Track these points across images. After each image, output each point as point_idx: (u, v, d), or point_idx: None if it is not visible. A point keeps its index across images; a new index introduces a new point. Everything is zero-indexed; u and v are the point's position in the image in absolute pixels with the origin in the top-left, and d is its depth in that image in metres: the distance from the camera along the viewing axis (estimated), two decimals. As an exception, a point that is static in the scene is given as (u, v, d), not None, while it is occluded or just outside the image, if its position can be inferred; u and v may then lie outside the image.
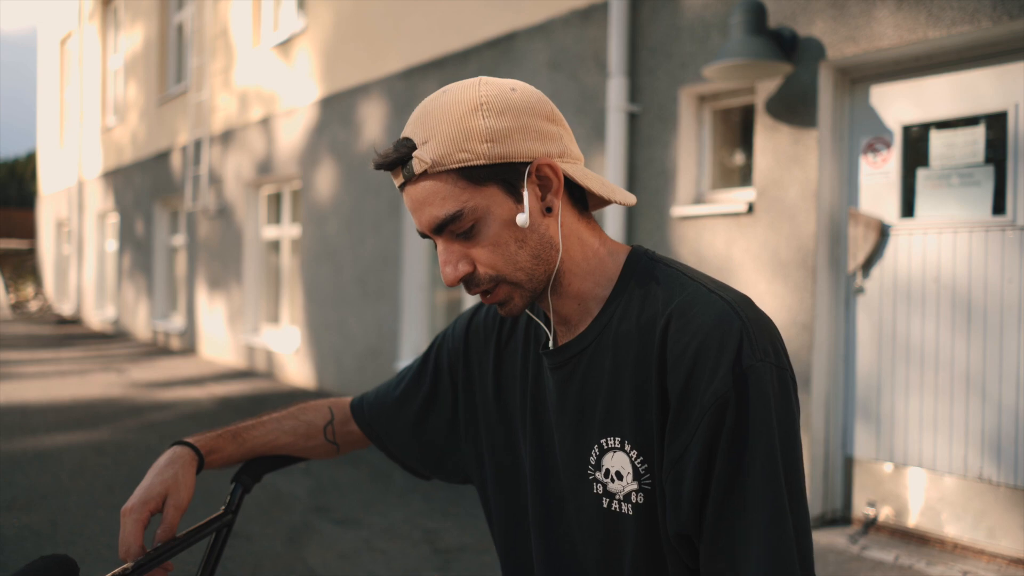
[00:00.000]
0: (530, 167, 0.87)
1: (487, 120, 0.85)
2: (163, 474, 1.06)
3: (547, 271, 0.91)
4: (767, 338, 0.82)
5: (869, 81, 3.58)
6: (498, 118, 0.86)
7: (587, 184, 0.91)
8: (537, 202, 0.89)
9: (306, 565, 3.22)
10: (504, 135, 0.86)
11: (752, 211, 3.80)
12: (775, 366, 0.81)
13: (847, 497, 3.66)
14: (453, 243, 0.89)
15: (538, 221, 0.89)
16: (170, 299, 11.20)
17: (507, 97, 0.87)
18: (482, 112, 0.86)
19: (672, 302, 0.86)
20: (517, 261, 0.89)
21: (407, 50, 6.14)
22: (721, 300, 0.84)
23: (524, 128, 0.87)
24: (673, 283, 0.89)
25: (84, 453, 4.93)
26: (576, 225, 0.93)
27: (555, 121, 0.91)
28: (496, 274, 0.90)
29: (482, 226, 0.88)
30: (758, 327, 0.82)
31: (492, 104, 0.86)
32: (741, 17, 3.49)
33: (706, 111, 4.20)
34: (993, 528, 3.19)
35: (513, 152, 0.86)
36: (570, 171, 0.90)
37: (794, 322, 3.62)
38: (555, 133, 0.90)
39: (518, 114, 0.87)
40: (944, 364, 3.33)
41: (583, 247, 0.93)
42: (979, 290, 3.23)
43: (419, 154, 0.86)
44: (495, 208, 0.87)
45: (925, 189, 3.41)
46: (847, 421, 3.66)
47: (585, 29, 4.65)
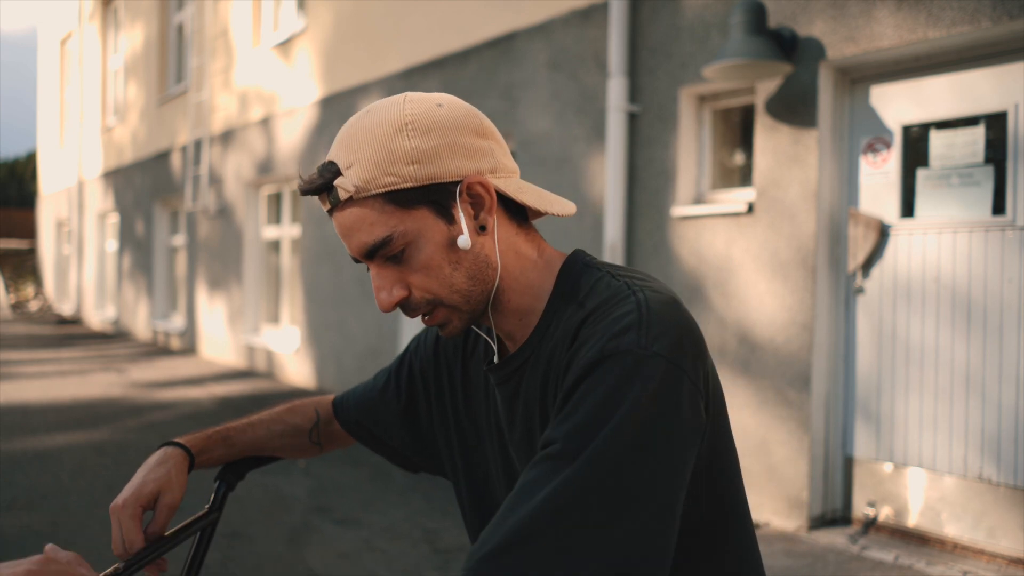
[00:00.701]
0: (460, 186, 0.85)
1: (412, 140, 0.83)
2: (155, 472, 1.05)
3: (485, 291, 0.89)
4: (666, 333, 0.76)
5: (869, 81, 3.58)
6: (423, 137, 0.83)
7: (522, 199, 0.89)
8: (471, 221, 0.87)
9: (306, 565, 3.23)
10: (431, 155, 0.83)
11: (752, 211, 3.80)
12: (666, 360, 0.75)
13: (847, 497, 3.66)
14: (386, 268, 0.87)
15: (473, 241, 0.86)
16: (170, 299, 11.20)
17: (433, 114, 0.85)
18: (407, 132, 0.83)
19: (593, 302, 0.84)
20: (453, 283, 0.87)
21: (407, 50, 6.14)
22: (634, 295, 0.81)
23: (452, 146, 0.85)
24: (599, 284, 0.86)
25: (84, 453, 4.93)
26: (514, 239, 0.91)
27: (485, 135, 0.88)
28: (432, 297, 0.88)
29: (414, 250, 0.86)
30: (660, 321, 0.77)
31: (417, 123, 0.84)
32: (741, 17, 3.50)
33: (706, 111, 4.20)
34: (993, 528, 3.19)
35: (441, 172, 0.84)
36: (503, 187, 0.88)
37: (794, 322, 3.62)
38: (485, 148, 0.88)
39: (445, 131, 0.85)
40: (944, 364, 3.33)
41: (521, 261, 0.91)
42: (979, 290, 3.23)
43: (342, 181, 0.84)
44: (426, 231, 0.85)
45: (925, 189, 3.41)
46: (847, 421, 3.66)
47: (585, 29, 4.65)
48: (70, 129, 15.45)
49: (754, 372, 3.78)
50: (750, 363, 3.79)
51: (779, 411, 3.67)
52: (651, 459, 0.72)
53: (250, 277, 8.66)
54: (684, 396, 0.75)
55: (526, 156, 5.06)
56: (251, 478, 4.45)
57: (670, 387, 0.74)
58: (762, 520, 3.73)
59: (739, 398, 3.84)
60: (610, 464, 0.70)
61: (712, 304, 3.97)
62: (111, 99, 13.40)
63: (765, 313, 3.74)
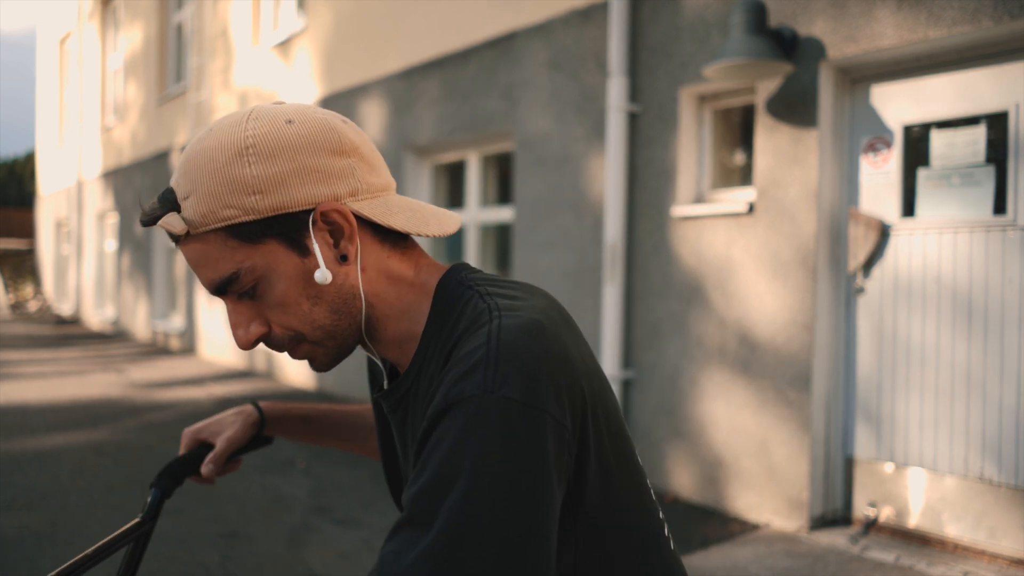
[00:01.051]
0: (312, 215, 0.76)
1: (254, 167, 0.74)
2: (226, 418, 1.14)
3: (352, 323, 0.81)
4: (519, 371, 0.68)
5: (869, 81, 3.58)
6: (267, 163, 0.74)
7: (389, 223, 0.80)
8: (329, 251, 0.78)
9: (306, 565, 3.22)
10: (276, 182, 0.74)
11: (752, 211, 3.80)
12: (517, 402, 0.67)
13: (848, 497, 3.66)
14: (241, 303, 0.79)
15: (333, 272, 0.78)
16: (169, 299, 11.19)
17: (279, 135, 0.76)
18: (247, 157, 0.74)
19: (462, 327, 0.76)
20: (314, 319, 0.79)
21: (407, 50, 6.14)
22: (488, 325, 0.73)
23: (301, 170, 0.75)
24: (468, 307, 0.78)
25: (84, 453, 4.92)
26: (385, 264, 0.82)
27: (344, 153, 0.79)
28: (294, 334, 0.80)
29: (266, 286, 0.78)
30: (511, 356, 0.69)
31: (260, 146, 0.75)
32: (741, 17, 3.49)
33: (706, 111, 4.20)
34: (994, 528, 3.19)
35: (289, 201, 0.75)
36: (366, 211, 0.79)
37: (794, 322, 3.61)
38: (344, 168, 0.78)
39: (293, 154, 0.75)
40: (945, 364, 3.33)
41: (395, 287, 0.83)
42: (980, 290, 3.23)
43: (173, 219, 0.75)
44: (277, 265, 0.77)
45: (926, 189, 3.41)
46: (847, 421, 3.65)
47: (585, 29, 4.64)
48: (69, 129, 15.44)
49: (754, 372, 3.77)
50: (750, 363, 3.79)
51: (779, 411, 3.67)
52: (508, 517, 0.65)
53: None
54: (545, 437, 0.68)
55: (526, 156, 5.06)
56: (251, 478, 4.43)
57: (524, 431, 0.67)
58: (762, 520, 3.72)
59: (739, 398, 3.83)
60: (465, 532, 0.63)
61: (712, 304, 3.97)
62: (110, 99, 13.39)
63: (765, 313, 3.73)
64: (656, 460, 4.23)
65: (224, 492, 4.18)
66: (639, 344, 4.33)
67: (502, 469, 0.65)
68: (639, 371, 4.32)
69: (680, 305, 4.12)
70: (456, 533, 0.64)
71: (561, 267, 4.80)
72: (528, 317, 0.74)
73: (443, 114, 5.76)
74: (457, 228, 0.87)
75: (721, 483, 3.92)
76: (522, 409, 0.67)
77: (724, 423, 3.91)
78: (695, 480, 4.04)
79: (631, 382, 4.37)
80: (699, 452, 4.03)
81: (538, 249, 4.97)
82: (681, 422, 4.11)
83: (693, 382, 4.05)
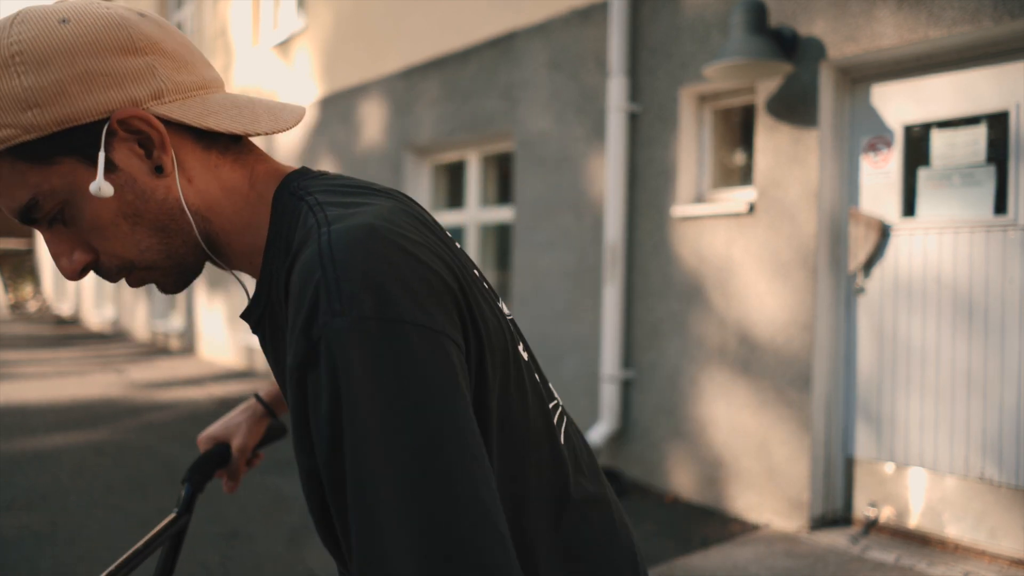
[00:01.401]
0: (108, 125, 0.67)
1: (24, 77, 0.64)
2: (234, 419, 1.18)
3: (187, 240, 0.74)
4: (361, 285, 0.60)
5: (870, 81, 3.58)
6: (40, 71, 0.64)
7: (207, 124, 0.71)
8: (142, 163, 0.70)
9: (306, 565, 3.22)
10: (54, 93, 0.65)
11: (753, 211, 3.80)
12: (365, 320, 0.58)
13: (848, 498, 3.66)
14: (55, 230, 0.71)
15: (150, 187, 0.70)
16: (169, 299, 11.20)
17: (51, 37, 0.65)
18: (15, 67, 0.64)
19: (295, 249, 0.68)
20: (139, 242, 0.72)
21: (407, 50, 6.14)
22: (318, 243, 0.63)
23: (85, 75, 0.66)
24: (300, 222, 0.70)
25: (83, 453, 4.92)
26: (215, 173, 0.74)
27: (139, 51, 0.69)
28: (121, 262, 0.73)
29: (74, 210, 0.69)
30: (351, 272, 0.60)
31: (29, 52, 0.64)
32: (741, 17, 3.49)
33: (706, 111, 4.19)
34: (994, 529, 3.19)
35: (75, 112, 0.66)
36: (176, 114, 0.70)
37: (794, 322, 3.61)
38: (140, 68, 0.69)
39: (72, 57, 0.65)
40: (945, 364, 3.33)
41: (231, 199, 0.74)
42: (980, 290, 3.23)
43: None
44: (80, 185, 0.68)
45: (926, 189, 3.41)
46: (848, 421, 3.65)
47: (585, 29, 4.64)
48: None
49: (755, 372, 3.77)
50: (751, 363, 3.79)
51: (780, 411, 3.67)
52: (431, 439, 0.57)
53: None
54: (413, 347, 0.59)
55: (526, 156, 5.06)
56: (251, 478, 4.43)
57: (389, 349, 0.58)
58: (763, 521, 3.72)
59: (739, 398, 3.83)
60: (388, 488, 0.56)
61: (713, 304, 3.96)
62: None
63: (766, 313, 3.73)
64: (656, 460, 4.23)
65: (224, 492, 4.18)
66: (639, 344, 4.33)
67: (388, 401, 0.57)
68: (639, 371, 4.32)
69: (680, 305, 4.12)
70: (388, 493, 0.55)
71: (561, 267, 4.80)
72: (358, 223, 0.64)
73: (443, 114, 5.76)
74: (296, 122, 0.77)
75: (721, 483, 3.92)
76: (380, 325, 0.59)
77: (724, 423, 3.90)
78: (695, 480, 4.04)
79: (631, 382, 4.37)
80: (699, 452, 4.02)
81: (538, 249, 4.97)
82: (681, 422, 4.11)
83: (693, 382, 4.05)
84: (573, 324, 4.72)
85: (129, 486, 4.27)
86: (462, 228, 5.97)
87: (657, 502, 4.06)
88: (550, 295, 4.88)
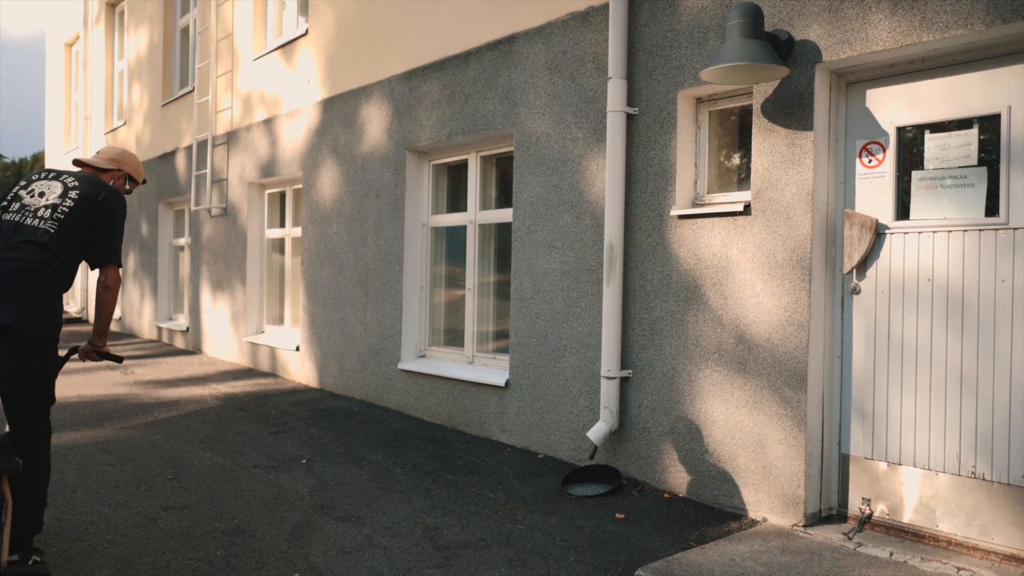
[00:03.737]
0: None
1: None
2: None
3: None
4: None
5: (864, 84, 3.62)
6: None
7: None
8: None
9: (309, 561, 3.27)
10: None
11: (749, 212, 3.85)
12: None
13: (842, 494, 3.70)
14: None
15: None
16: (174, 299, 11.27)
17: None
18: None
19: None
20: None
21: (408, 53, 6.19)
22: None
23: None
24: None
25: (89, 451, 4.98)
26: None
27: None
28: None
29: None
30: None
31: None
32: (738, 20, 3.54)
33: (704, 113, 4.24)
34: (986, 525, 3.23)
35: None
36: None
37: (790, 321, 3.66)
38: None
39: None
40: (938, 363, 3.37)
41: None
42: (972, 290, 3.27)
43: None
44: None
45: (919, 191, 3.45)
46: (842, 419, 3.70)
47: (584, 32, 4.69)
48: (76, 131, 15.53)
49: (751, 371, 3.82)
50: (747, 362, 3.83)
51: (775, 409, 3.72)
52: None
53: (253, 277, 8.72)
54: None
55: (526, 157, 5.11)
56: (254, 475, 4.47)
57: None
58: (758, 517, 3.77)
59: (736, 396, 3.88)
60: None
61: (709, 304, 4.01)
62: (116, 101, 13.47)
63: (762, 313, 3.78)
64: (654, 457, 4.28)
65: (228, 489, 4.24)
66: (637, 343, 4.38)
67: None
68: (637, 370, 4.37)
69: (678, 305, 4.17)
70: None
71: (560, 267, 4.85)
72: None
73: (444, 116, 5.81)
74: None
75: (718, 480, 3.97)
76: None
77: (721, 421, 3.95)
78: (692, 477, 4.09)
79: (629, 380, 4.42)
80: (696, 450, 4.07)
81: (538, 249, 5.02)
82: (678, 420, 4.16)
83: (690, 381, 4.10)
84: (572, 323, 4.77)
85: (135, 484, 4.33)
86: (463, 228, 6.03)
87: (655, 498, 4.11)
88: (550, 295, 4.93)
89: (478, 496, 4.18)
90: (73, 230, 3.01)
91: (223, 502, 4.02)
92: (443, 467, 4.73)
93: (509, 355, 5.25)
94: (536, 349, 5.02)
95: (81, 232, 3.04)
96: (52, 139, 17.65)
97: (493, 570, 3.19)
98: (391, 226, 6.41)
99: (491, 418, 5.38)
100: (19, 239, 2.87)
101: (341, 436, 5.49)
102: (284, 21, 8.41)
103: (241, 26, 8.80)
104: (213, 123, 9.31)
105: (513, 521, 3.79)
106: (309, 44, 7.54)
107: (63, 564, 3.19)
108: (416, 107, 6.10)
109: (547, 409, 4.95)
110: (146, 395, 6.95)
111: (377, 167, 6.57)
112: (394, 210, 6.38)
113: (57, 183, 3.11)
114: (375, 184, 6.59)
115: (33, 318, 2.80)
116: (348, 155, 6.95)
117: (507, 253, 5.62)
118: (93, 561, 3.23)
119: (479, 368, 5.71)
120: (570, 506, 4.03)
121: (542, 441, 4.98)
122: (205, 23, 9.57)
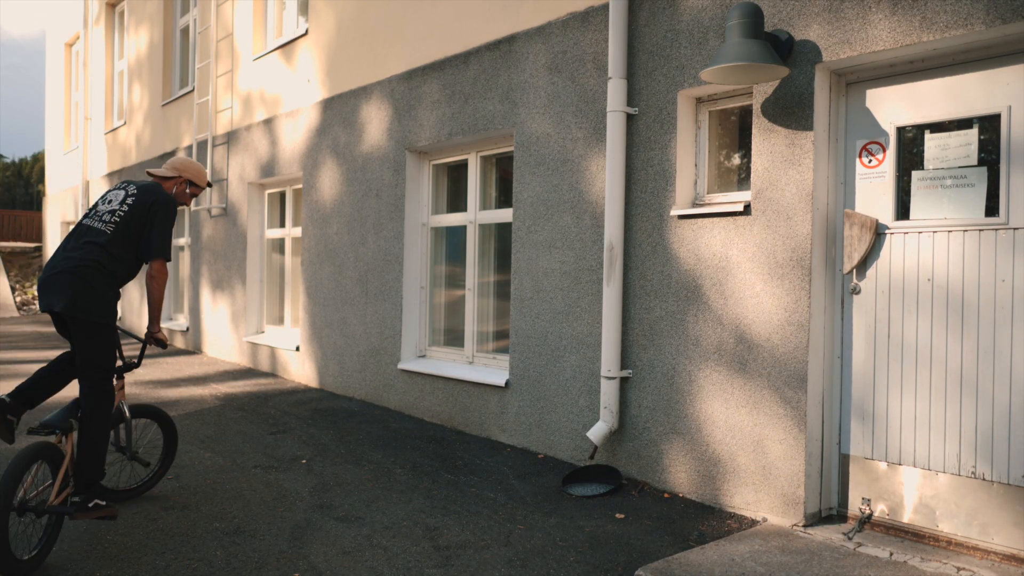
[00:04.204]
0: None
1: None
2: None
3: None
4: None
5: (864, 84, 3.62)
6: None
7: None
8: None
9: (309, 561, 3.28)
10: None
11: (749, 212, 3.85)
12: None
13: (842, 494, 3.70)
14: None
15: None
16: (174, 299, 11.27)
17: None
18: None
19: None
20: None
21: (408, 53, 6.19)
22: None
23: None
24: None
25: (90, 451, 4.98)
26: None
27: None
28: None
29: None
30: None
31: None
32: (738, 20, 3.54)
33: (704, 113, 4.24)
34: (986, 525, 3.23)
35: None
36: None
37: (790, 322, 3.66)
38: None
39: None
40: (938, 363, 3.37)
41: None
42: (972, 290, 3.27)
43: None
44: None
45: (919, 190, 3.45)
46: (842, 419, 3.70)
47: (584, 32, 4.69)
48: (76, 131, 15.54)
49: (751, 371, 3.82)
50: (747, 362, 3.83)
51: (775, 409, 3.72)
52: None
53: (253, 277, 8.72)
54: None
55: (526, 157, 5.11)
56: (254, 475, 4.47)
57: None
58: (758, 517, 3.77)
59: (736, 396, 3.88)
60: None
61: (710, 304, 4.01)
62: (116, 101, 13.47)
63: (762, 313, 3.78)
64: (654, 457, 4.28)
65: (228, 489, 4.24)
66: (637, 343, 4.38)
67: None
68: (637, 370, 4.37)
69: (678, 305, 4.17)
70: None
71: (560, 267, 4.85)
72: None
73: (444, 116, 5.81)
74: None
75: (718, 480, 3.97)
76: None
77: (721, 421, 3.95)
78: (692, 477, 4.09)
79: (629, 380, 4.42)
80: (696, 449, 4.07)
81: (538, 249, 5.02)
82: (678, 420, 4.16)
83: (690, 381, 4.10)
84: (572, 323, 4.77)
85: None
86: (463, 227, 6.03)
87: (655, 498, 4.11)
88: (550, 295, 4.93)
89: (478, 496, 4.18)
90: (127, 231, 3.58)
91: (223, 502, 4.02)
92: (443, 467, 4.73)
93: (509, 355, 5.25)
94: (536, 349, 5.02)
95: (134, 232, 3.60)
96: (52, 139, 17.66)
97: (493, 570, 3.20)
98: (391, 226, 6.41)
99: (491, 418, 5.38)
100: (85, 239, 3.53)
101: (341, 436, 5.50)
102: (284, 21, 8.41)
103: (241, 26, 8.80)
104: (213, 123, 9.31)
105: (513, 521, 3.79)
106: (309, 44, 7.55)
107: (63, 564, 3.19)
108: (416, 107, 6.10)
109: (547, 409, 4.95)
110: (146, 395, 6.95)
111: (377, 167, 6.57)
112: (394, 210, 6.38)
113: (121, 191, 3.71)
114: (375, 184, 6.59)
115: (84, 306, 3.37)
116: (348, 155, 6.95)
117: (507, 253, 5.62)
118: (93, 561, 3.23)
119: (479, 368, 5.71)
120: (570, 506, 4.03)
121: (542, 441, 4.98)
122: (205, 23, 9.57)
